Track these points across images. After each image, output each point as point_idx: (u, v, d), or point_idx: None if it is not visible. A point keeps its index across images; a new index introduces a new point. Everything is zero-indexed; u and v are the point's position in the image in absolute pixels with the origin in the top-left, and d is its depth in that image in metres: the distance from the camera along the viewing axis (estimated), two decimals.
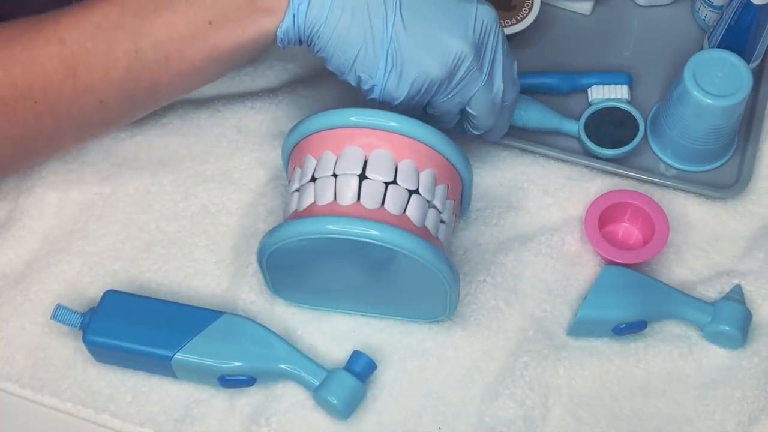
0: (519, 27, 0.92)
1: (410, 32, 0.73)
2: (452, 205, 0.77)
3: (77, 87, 0.73)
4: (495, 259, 0.84)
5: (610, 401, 0.79)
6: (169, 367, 0.77)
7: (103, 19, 0.73)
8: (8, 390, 0.79)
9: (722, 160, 0.89)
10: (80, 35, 0.73)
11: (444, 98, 0.76)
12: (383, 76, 0.74)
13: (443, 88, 0.75)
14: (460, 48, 0.73)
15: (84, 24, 0.73)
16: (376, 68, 0.73)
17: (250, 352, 0.76)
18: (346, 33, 0.73)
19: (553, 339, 0.81)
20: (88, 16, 0.73)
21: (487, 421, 0.78)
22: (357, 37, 0.73)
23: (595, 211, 0.83)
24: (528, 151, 0.88)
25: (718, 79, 0.83)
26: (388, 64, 0.73)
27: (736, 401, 0.79)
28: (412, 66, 0.73)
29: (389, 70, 0.73)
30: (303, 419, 0.78)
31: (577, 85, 0.91)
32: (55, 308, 0.78)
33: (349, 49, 0.73)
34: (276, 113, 0.90)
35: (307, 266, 0.76)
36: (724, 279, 0.83)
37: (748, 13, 0.85)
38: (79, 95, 0.74)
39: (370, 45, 0.73)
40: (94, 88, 0.74)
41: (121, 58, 0.73)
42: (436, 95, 0.76)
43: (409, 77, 0.74)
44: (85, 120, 0.76)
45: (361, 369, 0.77)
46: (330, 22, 0.72)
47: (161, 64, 0.74)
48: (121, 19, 0.73)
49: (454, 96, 0.76)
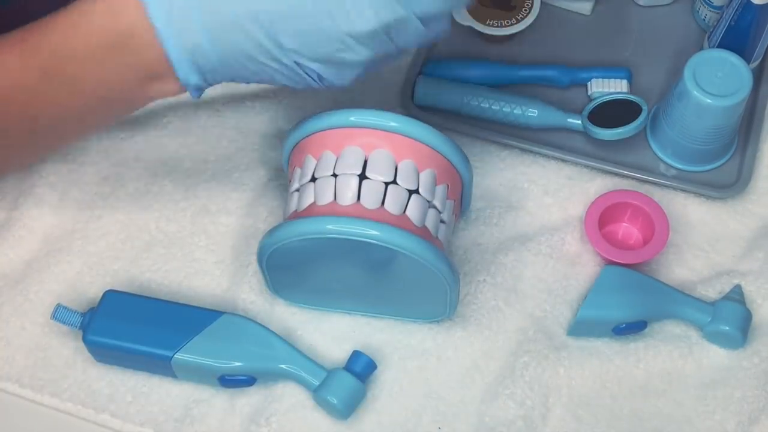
0: (519, 27, 0.92)
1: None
2: (452, 205, 0.77)
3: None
4: (495, 259, 0.84)
5: (610, 401, 0.79)
6: (169, 367, 0.77)
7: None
8: (8, 390, 0.79)
9: (722, 160, 0.89)
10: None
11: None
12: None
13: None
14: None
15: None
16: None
17: (250, 352, 0.76)
18: (243, 71, 0.69)
19: (553, 339, 0.81)
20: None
21: (487, 421, 0.78)
22: (255, 64, 0.68)
23: (595, 211, 0.83)
24: (528, 151, 0.88)
25: (718, 79, 0.83)
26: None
27: (736, 401, 0.79)
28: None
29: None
30: (303, 419, 0.78)
31: (576, 78, 0.91)
32: (55, 308, 0.78)
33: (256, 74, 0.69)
34: (276, 113, 0.90)
35: (307, 266, 0.76)
36: (724, 279, 0.83)
37: (748, 13, 0.85)
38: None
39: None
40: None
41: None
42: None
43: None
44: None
45: (361, 369, 0.77)
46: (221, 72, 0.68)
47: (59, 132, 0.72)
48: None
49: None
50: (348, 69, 0.68)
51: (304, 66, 0.68)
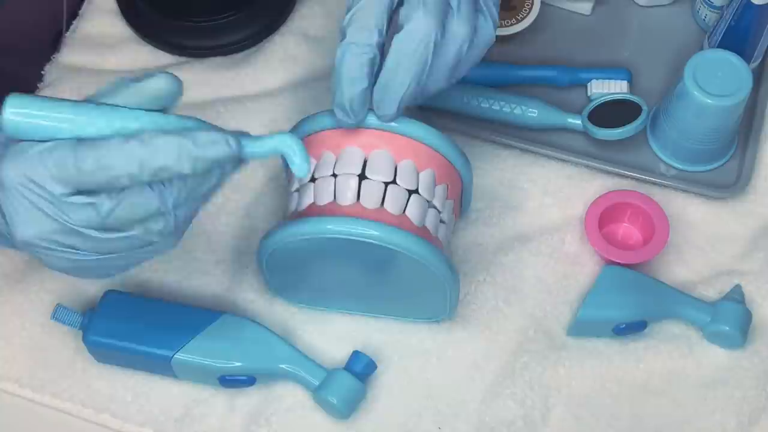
0: (519, 27, 0.92)
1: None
2: (452, 204, 0.77)
3: None
4: (495, 259, 0.84)
5: (610, 401, 0.79)
6: (169, 367, 0.77)
7: None
8: (8, 390, 0.80)
9: (722, 160, 0.89)
10: None
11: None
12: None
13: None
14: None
15: None
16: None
17: (250, 352, 0.76)
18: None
19: (553, 339, 0.81)
20: None
21: (487, 421, 0.78)
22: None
23: (595, 211, 0.83)
24: (528, 151, 0.88)
25: (718, 79, 0.83)
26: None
27: (736, 401, 0.79)
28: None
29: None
30: (303, 419, 0.78)
31: (576, 78, 0.91)
32: (55, 308, 0.78)
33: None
34: (275, 114, 0.90)
35: (307, 266, 0.76)
36: (724, 279, 0.83)
37: (748, 13, 0.85)
38: None
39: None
40: None
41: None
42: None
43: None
44: None
45: (361, 369, 0.77)
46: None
47: None
48: None
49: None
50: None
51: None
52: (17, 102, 0.60)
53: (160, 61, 0.94)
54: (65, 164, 0.59)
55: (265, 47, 0.94)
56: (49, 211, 0.60)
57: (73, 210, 0.60)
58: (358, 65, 0.69)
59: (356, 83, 0.69)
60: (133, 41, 0.94)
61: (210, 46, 0.94)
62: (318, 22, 0.96)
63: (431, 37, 0.68)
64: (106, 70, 0.93)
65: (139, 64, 0.93)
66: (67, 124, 0.61)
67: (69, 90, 0.91)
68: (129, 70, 0.92)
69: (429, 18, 0.68)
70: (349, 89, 0.69)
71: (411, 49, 0.68)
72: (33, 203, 0.60)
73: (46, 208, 0.60)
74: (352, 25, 0.69)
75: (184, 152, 0.61)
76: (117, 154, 0.59)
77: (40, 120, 0.60)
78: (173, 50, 0.94)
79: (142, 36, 0.94)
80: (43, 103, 0.61)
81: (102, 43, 0.94)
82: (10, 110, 0.60)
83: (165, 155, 0.60)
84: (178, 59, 0.94)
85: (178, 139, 0.61)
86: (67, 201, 0.60)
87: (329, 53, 0.93)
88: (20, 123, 0.60)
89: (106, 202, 0.60)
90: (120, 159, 0.59)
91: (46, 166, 0.59)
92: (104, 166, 0.59)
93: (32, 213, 0.60)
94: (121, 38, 0.95)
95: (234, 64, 0.93)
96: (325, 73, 0.92)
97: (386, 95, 0.70)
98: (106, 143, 0.60)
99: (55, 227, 0.60)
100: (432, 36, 0.68)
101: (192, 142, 0.61)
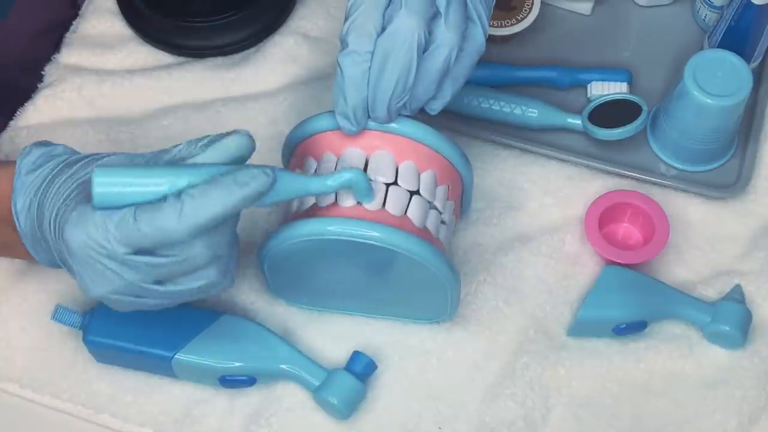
0: (519, 27, 0.92)
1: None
2: (453, 205, 0.77)
3: None
4: (495, 260, 0.84)
5: (610, 401, 0.79)
6: (169, 368, 0.77)
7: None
8: (8, 390, 0.80)
9: (722, 160, 0.89)
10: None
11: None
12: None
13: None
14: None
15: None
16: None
17: (250, 353, 0.76)
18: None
19: (554, 339, 0.81)
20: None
21: (487, 422, 0.78)
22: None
23: (596, 211, 0.83)
24: (528, 151, 0.88)
25: (718, 79, 0.83)
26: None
27: (737, 401, 0.79)
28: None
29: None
30: (303, 419, 0.78)
31: (576, 79, 0.91)
32: (54, 309, 0.77)
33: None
34: (276, 115, 0.90)
35: (308, 267, 0.76)
36: (724, 279, 0.83)
37: (748, 13, 0.85)
38: None
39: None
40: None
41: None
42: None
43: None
44: None
45: (361, 369, 0.77)
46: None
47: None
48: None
49: None
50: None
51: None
52: (103, 176, 0.63)
53: (160, 61, 0.94)
54: (126, 227, 0.63)
55: (265, 47, 0.94)
56: (115, 270, 0.64)
57: (135, 268, 0.64)
58: (360, 73, 0.69)
59: (359, 92, 0.70)
60: (133, 41, 0.94)
61: (210, 46, 0.94)
62: (318, 22, 0.96)
63: (414, 37, 0.68)
64: (106, 70, 0.93)
65: (139, 64, 0.93)
66: (149, 188, 0.64)
67: (69, 90, 0.91)
68: (129, 70, 0.92)
69: (411, 18, 0.68)
70: (352, 98, 0.70)
71: (394, 50, 0.69)
72: (100, 264, 0.64)
73: (112, 268, 0.64)
74: (352, 33, 0.69)
75: (231, 197, 0.63)
76: (171, 216, 0.62)
77: (122, 189, 0.64)
78: (173, 50, 0.94)
79: (142, 36, 0.94)
80: (126, 174, 0.64)
81: (102, 43, 0.94)
82: (98, 188, 0.63)
83: (215, 205, 0.63)
84: (178, 59, 0.94)
85: (225, 186, 0.63)
86: (130, 260, 0.63)
87: (329, 53, 0.93)
88: (105, 194, 0.64)
89: (163, 259, 0.64)
90: (173, 220, 0.63)
91: (109, 229, 0.63)
92: (160, 227, 0.63)
93: (99, 273, 0.64)
94: (121, 38, 0.95)
95: (234, 64, 0.93)
96: (325, 73, 0.92)
97: (375, 98, 0.70)
98: (160, 205, 0.63)
99: (121, 284, 0.65)
100: (414, 36, 0.68)
101: (234, 182, 0.64)
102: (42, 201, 0.67)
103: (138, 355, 0.76)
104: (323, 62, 0.93)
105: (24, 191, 0.68)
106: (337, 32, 0.94)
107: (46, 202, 0.67)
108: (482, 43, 0.73)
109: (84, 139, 0.89)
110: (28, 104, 0.91)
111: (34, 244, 0.69)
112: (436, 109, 0.74)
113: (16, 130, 0.90)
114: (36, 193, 0.68)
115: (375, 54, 0.69)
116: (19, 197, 0.68)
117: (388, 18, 0.69)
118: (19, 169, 0.69)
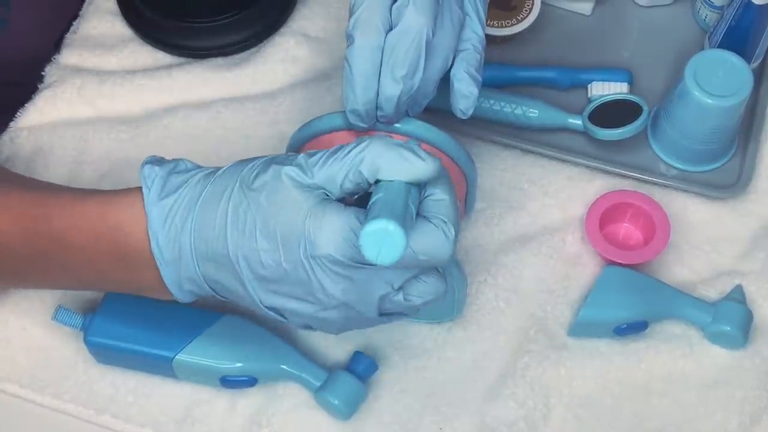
0: (519, 27, 0.92)
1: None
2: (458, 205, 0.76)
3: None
4: (496, 260, 0.84)
5: (611, 401, 0.79)
6: (170, 368, 0.77)
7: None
8: (9, 391, 0.79)
9: (723, 160, 0.89)
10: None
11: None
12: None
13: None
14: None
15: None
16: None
17: (251, 353, 0.76)
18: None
19: (554, 339, 0.81)
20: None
21: (488, 422, 0.78)
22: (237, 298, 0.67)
23: (596, 211, 0.83)
24: (529, 152, 0.88)
25: (718, 80, 0.83)
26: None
27: (738, 401, 0.79)
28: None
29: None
30: (304, 420, 0.78)
31: (576, 80, 0.91)
32: (55, 309, 0.77)
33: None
34: (276, 116, 0.90)
35: None
36: (725, 279, 0.83)
37: (749, 13, 0.85)
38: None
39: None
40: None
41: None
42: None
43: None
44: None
45: (362, 369, 0.77)
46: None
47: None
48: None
49: None
50: (327, 325, 0.67)
51: (281, 310, 0.66)
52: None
53: (161, 61, 0.94)
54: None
55: (265, 48, 0.94)
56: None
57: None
58: (371, 68, 0.69)
59: (370, 87, 0.69)
60: (133, 41, 0.94)
61: (210, 46, 0.94)
62: (318, 22, 0.96)
63: (423, 35, 0.68)
64: (106, 70, 0.93)
65: (139, 64, 0.93)
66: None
67: (69, 90, 0.91)
68: (129, 70, 0.92)
69: (420, 15, 0.68)
70: (363, 94, 0.69)
71: (404, 47, 0.68)
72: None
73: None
74: (359, 28, 0.68)
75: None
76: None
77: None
78: (173, 50, 0.94)
79: (142, 36, 0.94)
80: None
81: (102, 43, 0.94)
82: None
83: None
84: (178, 60, 0.94)
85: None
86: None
87: (329, 53, 0.93)
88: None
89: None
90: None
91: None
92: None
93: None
94: (121, 38, 0.95)
95: (234, 65, 0.93)
96: (325, 74, 0.92)
97: (383, 95, 0.70)
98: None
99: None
100: (423, 33, 0.68)
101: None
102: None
103: (139, 355, 0.76)
104: (324, 63, 0.93)
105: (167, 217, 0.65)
106: (337, 33, 0.94)
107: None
108: (482, 37, 0.73)
109: (84, 140, 0.89)
110: (29, 105, 0.91)
111: (177, 274, 0.66)
112: (466, 111, 0.73)
113: (16, 131, 0.90)
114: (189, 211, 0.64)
115: (384, 51, 0.69)
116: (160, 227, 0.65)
117: (396, 15, 0.69)
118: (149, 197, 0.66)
